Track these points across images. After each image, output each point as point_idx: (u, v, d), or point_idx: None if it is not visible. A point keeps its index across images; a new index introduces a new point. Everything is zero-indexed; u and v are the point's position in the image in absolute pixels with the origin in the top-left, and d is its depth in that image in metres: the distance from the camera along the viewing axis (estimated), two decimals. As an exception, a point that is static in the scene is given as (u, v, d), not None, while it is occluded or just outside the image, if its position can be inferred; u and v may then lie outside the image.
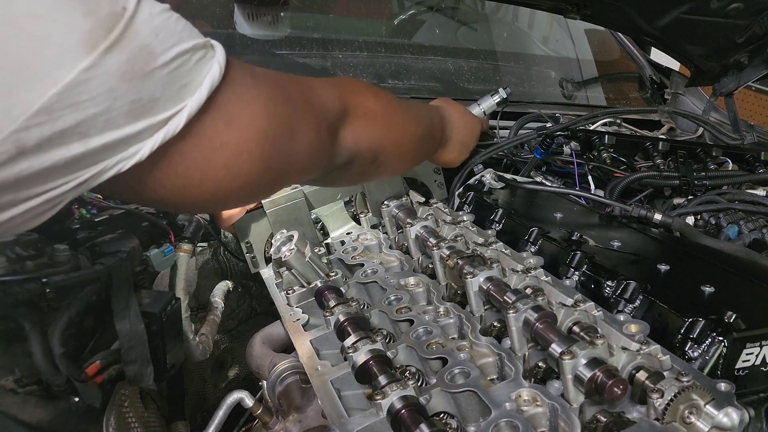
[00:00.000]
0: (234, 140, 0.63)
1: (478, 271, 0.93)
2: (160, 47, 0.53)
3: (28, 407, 0.92)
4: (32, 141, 0.48)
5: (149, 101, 0.53)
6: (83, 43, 0.48)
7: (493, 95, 1.56)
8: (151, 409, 1.13)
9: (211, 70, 0.59)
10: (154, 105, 0.54)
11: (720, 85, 1.94)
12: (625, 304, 0.91)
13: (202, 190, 0.63)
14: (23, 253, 0.91)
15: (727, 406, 0.66)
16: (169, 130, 0.56)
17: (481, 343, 0.90)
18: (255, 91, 0.66)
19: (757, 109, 4.19)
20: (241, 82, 0.64)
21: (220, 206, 0.95)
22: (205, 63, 0.59)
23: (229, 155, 0.62)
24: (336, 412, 0.81)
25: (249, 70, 0.67)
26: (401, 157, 1.01)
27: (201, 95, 0.57)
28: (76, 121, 0.49)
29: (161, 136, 0.55)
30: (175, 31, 0.56)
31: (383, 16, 2.43)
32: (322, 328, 1.02)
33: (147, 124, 0.54)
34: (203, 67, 0.58)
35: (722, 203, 1.38)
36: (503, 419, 0.74)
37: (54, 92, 0.48)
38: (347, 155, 0.86)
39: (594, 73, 2.49)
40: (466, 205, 1.35)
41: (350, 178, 0.96)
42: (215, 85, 0.59)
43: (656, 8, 1.60)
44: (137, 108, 0.53)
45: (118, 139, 0.53)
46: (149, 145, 0.55)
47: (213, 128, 0.60)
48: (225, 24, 2.02)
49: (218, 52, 0.61)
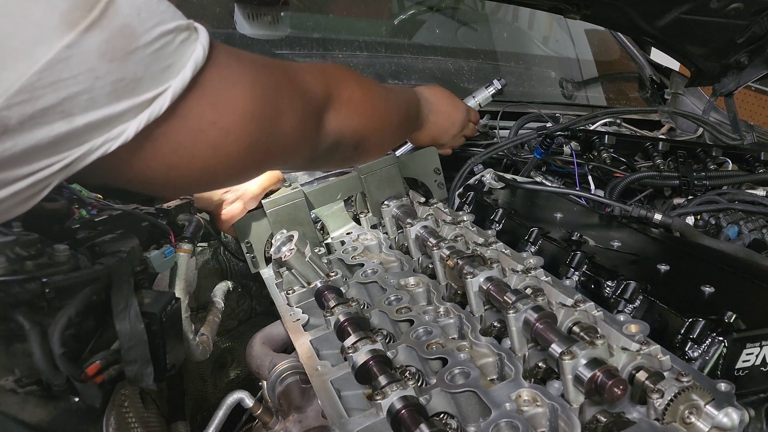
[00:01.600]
0: (220, 121, 0.63)
1: (478, 271, 0.93)
2: (142, 27, 0.53)
3: (28, 407, 0.92)
4: (14, 120, 0.48)
5: (132, 81, 0.53)
6: (63, 22, 0.48)
7: (487, 87, 1.55)
8: (151, 409, 1.13)
9: (195, 51, 0.59)
10: (137, 85, 0.54)
11: (720, 85, 1.94)
12: (625, 304, 0.91)
13: (190, 170, 0.63)
14: (23, 253, 0.91)
15: (727, 407, 0.66)
16: (154, 111, 0.56)
17: (481, 343, 0.90)
18: (240, 73, 0.66)
19: (757, 109, 4.19)
20: (226, 64, 0.64)
21: (208, 186, 0.96)
22: (189, 44, 0.58)
23: (216, 136, 0.63)
24: (336, 412, 0.81)
25: (234, 53, 0.67)
26: (382, 142, 1.05)
27: (185, 76, 0.57)
28: (57, 100, 0.49)
29: (146, 117, 0.55)
30: (157, 11, 0.55)
31: (383, 16, 2.43)
32: (322, 328, 1.02)
33: (130, 104, 0.54)
34: (187, 48, 0.58)
35: (722, 203, 1.38)
36: (503, 419, 0.74)
37: (34, 71, 0.48)
38: (331, 141, 0.87)
39: (594, 73, 2.49)
40: (466, 205, 1.35)
41: (334, 163, 0.99)
42: (199, 66, 0.59)
43: (656, 8, 1.60)
44: (120, 88, 0.52)
45: (102, 118, 0.53)
46: (134, 125, 0.55)
47: (198, 109, 0.60)
48: (225, 24, 2.02)
49: (202, 34, 0.61)
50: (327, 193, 1.34)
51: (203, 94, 0.60)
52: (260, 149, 0.69)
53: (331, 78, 0.87)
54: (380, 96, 1.00)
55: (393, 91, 1.09)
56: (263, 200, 1.27)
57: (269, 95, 0.70)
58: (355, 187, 1.35)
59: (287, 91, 0.74)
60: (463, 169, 1.42)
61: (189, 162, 0.62)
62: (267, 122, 0.69)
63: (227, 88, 0.64)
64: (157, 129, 0.57)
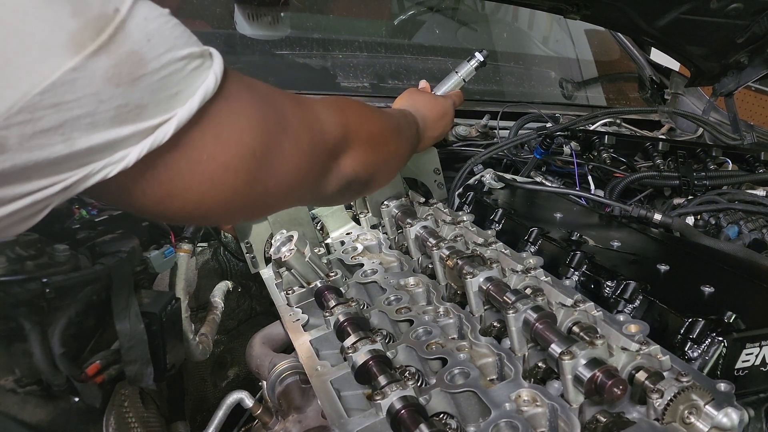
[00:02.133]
0: (221, 155, 0.61)
1: (478, 271, 0.93)
2: (151, 53, 0.52)
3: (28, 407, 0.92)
4: (13, 139, 0.48)
5: (136, 107, 0.52)
6: (70, 43, 0.47)
7: (469, 60, 1.45)
8: (151, 409, 1.13)
9: (206, 80, 0.57)
10: (141, 111, 0.53)
11: (720, 85, 1.94)
12: (624, 304, 0.91)
13: (185, 201, 0.62)
14: (23, 253, 0.91)
15: (726, 407, 0.66)
16: (157, 139, 0.54)
17: (481, 343, 0.90)
18: (249, 107, 0.64)
19: (757, 109, 4.19)
20: (237, 97, 0.62)
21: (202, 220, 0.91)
22: (200, 73, 0.57)
23: (215, 169, 0.61)
24: (336, 412, 0.81)
25: (247, 85, 0.66)
26: (390, 174, 1.03)
27: (192, 106, 0.56)
28: (59, 122, 0.49)
29: (148, 144, 0.54)
30: (169, 37, 0.54)
31: (383, 16, 2.43)
32: (322, 328, 1.02)
33: (134, 130, 0.53)
34: (198, 76, 0.57)
35: (722, 203, 1.38)
36: (503, 419, 0.74)
37: (37, 91, 0.47)
38: (343, 182, 0.84)
39: (594, 73, 2.49)
40: (466, 205, 1.35)
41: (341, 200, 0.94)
42: (208, 96, 0.57)
43: (656, 8, 1.60)
44: (124, 113, 0.52)
45: (104, 143, 0.52)
46: (136, 151, 0.54)
47: (201, 141, 0.59)
48: (225, 24, 2.03)
49: (216, 62, 0.59)
50: (327, 193, 1.34)
51: (208, 125, 0.59)
52: (259, 188, 0.67)
53: (350, 117, 0.85)
54: (392, 130, 0.99)
55: (399, 121, 1.07)
56: None
57: (275, 133, 0.68)
58: (355, 187, 1.35)
59: (297, 131, 0.72)
60: (463, 169, 1.42)
61: (184, 193, 0.61)
62: (269, 161, 0.67)
63: (233, 121, 0.62)
64: (157, 157, 0.56)
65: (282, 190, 0.72)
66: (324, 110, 0.80)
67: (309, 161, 0.75)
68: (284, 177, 0.70)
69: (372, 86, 1.98)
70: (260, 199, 0.69)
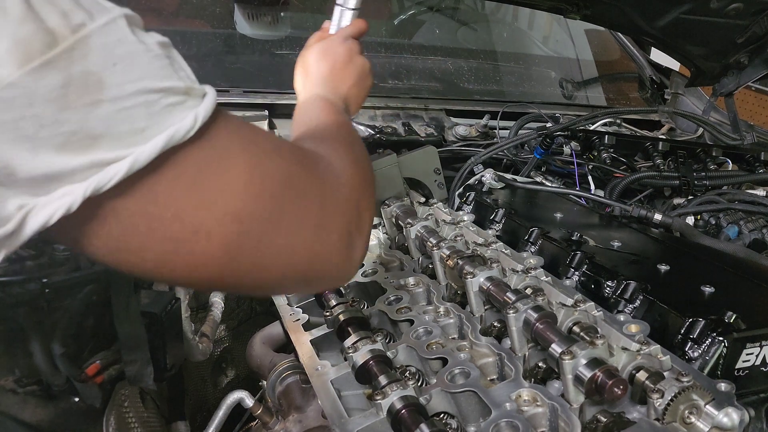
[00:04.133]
0: (191, 216, 0.50)
1: (478, 271, 0.93)
2: (114, 79, 0.44)
3: (28, 407, 0.92)
4: None
5: (87, 137, 0.43)
6: (12, 52, 0.40)
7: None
8: (151, 409, 1.13)
9: (183, 120, 0.47)
10: (92, 143, 0.44)
11: (720, 85, 1.94)
12: (625, 304, 0.91)
13: (142, 260, 0.51)
14: (23, 253, 0.91)
15: (727, 406, 0.66)
16: (104, 179, 0.44)
17: (481, 343, 0.90)
18: (241, 162, 0.52)
19: (757, 109, 4.19)
20: (224, 147, 0.51)
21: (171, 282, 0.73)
22: (177, 111, 0.47)
23: (180, 230, 0.50)
24: (336, 412, 0.81)
25: (243, 134, 0.55)
26: None
27: (154, 147, 0.45)
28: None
29: (93, 184, 0.44)
30: (146, 65, 0.46)
31: (383, 16, 2.43)
32: (322, 328, 1.02)
33: (81, 162, 0.44)
34: (171, 114, 0.47)
35: (722, 203, 1.38)
36: (503, 419, 0.74)
37: None
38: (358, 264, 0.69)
39: (594, 73, 2.49)
40: (466, 205, 1.35)
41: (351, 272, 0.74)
42: (179, 139, 0.47)
43: (656, 8, 1.60)
44: (72, 141, 0.43)
45: (45, 174, 0.43)
46: (80, 190, 0.44)
47: (166, 194, 0.48)
48: (225, 24, 2.02)
49: (204, 104, 0.49)
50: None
51: (177, 175, 0.48)
52: (245, 261, 0.54)
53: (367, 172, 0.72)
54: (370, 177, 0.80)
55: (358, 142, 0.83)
56: None
57: (275, 196, 0.55)
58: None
59: (309, 195, 0.59)
60: (463, 169, 1.42)
61: (140, 252, 0.50)
62: (263, 229, 0.54)
63: (214, 175, 0.50)
64: (107, 202, 0.46)
65: (280, 271, 0.59)
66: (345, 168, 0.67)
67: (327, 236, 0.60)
68: (285, 255, 0.57)
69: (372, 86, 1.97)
70: (247, 275, 0.56)
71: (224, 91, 1.72)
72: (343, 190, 0.64)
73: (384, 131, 1.69)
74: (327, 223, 0.60)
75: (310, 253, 0.59)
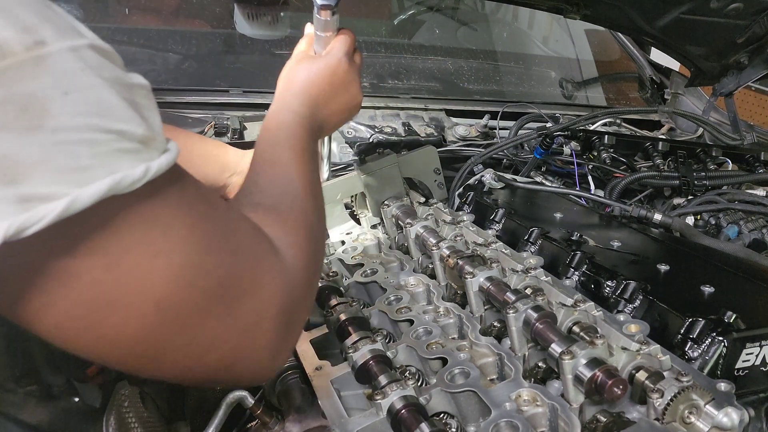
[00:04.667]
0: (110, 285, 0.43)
1: (478, 271, 0.93)
2: (61, 108, 0.39)
3: (28, 407, 0.92)
4: None
5: (16, 164, 0.37)
6: None
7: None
8: (151, 409, 1.13)
9: (133, 170, 0.41)
10: (22, 173, 0.37)
11: (720, 85, 1.94)
12: (625, 304, 0.91)
13: (40, 320, 0.44)
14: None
15: (726, 406, 0.66)
16: (33, 218, 0.37)
17: (481, 343, 0.90)
18: (180, 242, 0.46)
19: (757, 109, 4.19)
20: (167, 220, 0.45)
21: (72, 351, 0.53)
22: (127, 158, 0.42)
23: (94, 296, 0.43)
24: (336, 412, 0.81)
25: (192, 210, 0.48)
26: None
27: (97, 189, 0.39)
28: None
29: (16, 224, 0.37)
30: (103, 102, 0.41)
31: (383, 16, 2.43)
32: (322, 328, 1.02)
33: (1, 195, 0.37)
34: (120, 160, 0.41)
35: (722, 203, 1.38)
36: (503, 419, 0.74)
37: None
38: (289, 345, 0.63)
39: (594, 73, 2.49)
40: (466, 205, 1.36)
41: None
42: (125, 188, 0.41)
43: (656, 8, 1.60)
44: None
45: None
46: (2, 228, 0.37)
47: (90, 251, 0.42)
48: (225, 24, 2.03)
49: (162, 159, 0.44)
50: (327, 193, 1.33)
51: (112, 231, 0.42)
52: (156, 352, 0.48)
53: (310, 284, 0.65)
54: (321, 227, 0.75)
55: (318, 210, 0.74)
56: None
57: (203, 295, 0.48)
58: (355, 187, 1.35)
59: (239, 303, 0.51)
60: (463, 169, 1.43)
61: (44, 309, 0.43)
62: (182, 323, 0.48)
63: (146, 250, 0.44)
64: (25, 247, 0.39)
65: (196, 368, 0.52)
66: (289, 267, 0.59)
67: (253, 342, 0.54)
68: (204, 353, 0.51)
69: (372, 86, 1.98)
70: (157, 368, 0.50)
71: (224, 91, 1.72)
72: (283, 295, 0.56)
73: (384, 131, 1.69)
74: (257, 329, 0.54)
75: (232, 356, 0.53)
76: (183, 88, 1.74)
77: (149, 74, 1.80)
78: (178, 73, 1.88)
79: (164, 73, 1.86)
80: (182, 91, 1.67)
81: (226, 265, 0.50)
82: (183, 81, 1.84)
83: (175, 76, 1.87)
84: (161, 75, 1.84)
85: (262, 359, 0.56)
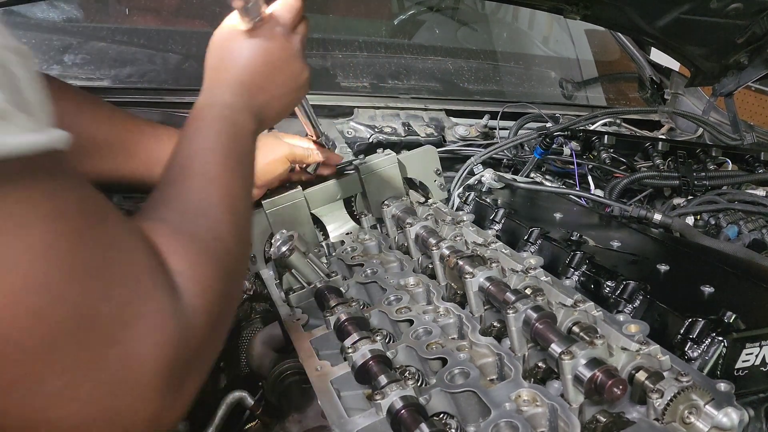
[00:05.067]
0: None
1: (478, 271, 0.93)
2: None
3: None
4: None
5: None
6: None
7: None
8: (150, 409, 1.12)
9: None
10: None
11: (720, 85, 1.94)
12: (624, 304, 0.91)
13: None
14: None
15: (726, 406, 0.66)
16: None
17: (481, 343, 0.90)
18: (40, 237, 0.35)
19: (757, 109, 4.19)
20: (25, 217, 0.35)
21: None
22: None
23: None
24: (336, 412, 0.81)
25: (65, 207, 0.37)
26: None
27: None
28: None
29: None
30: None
31: (383, 16, 2.43)
32: (322, 328, 1.02)
33: None
34: None
35: (722, 203, 1.38)
36: (503, 419, 0.74)
37: None
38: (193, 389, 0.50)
39: (594, 73, 2.49)
40: (465, 205, 1.36)
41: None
42: None
43: (656, 8, 1.60)
44: None
45: None
46: None
47: None
48: (225, 24, 2.02)
49: (29, 137, 0.34)
50: (327, 193, 1.34)
51: None
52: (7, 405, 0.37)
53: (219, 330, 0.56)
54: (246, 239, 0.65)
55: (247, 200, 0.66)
56: (263, 200, 1.27)
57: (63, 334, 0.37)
58: (355, 187, 1.35)
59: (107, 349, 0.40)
60: (463, 169, 1.43)
61: None
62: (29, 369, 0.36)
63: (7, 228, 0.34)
64: None
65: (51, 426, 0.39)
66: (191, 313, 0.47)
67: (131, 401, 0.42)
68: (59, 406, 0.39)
69: (372, 86, 1.98)
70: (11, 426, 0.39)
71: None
72: (172, 345, 0.44)
73: (384, 131, 1.69)
74: (124, 386, 0.41)
75: (87, 417, 0.40)
76: (183, 88, 1.74)
77: (149, 74, 1.80)
78: (178, 73, 1.88)
79: (164, 73, 1.86)
80: (182, 91, 1.67)
81: (95, 298, 0.38)
82: (183, 81, 1.84)
83: (175, 76, 1.87)
84: (161, 75, 1.84)
85: (131, 427, 0.42)
